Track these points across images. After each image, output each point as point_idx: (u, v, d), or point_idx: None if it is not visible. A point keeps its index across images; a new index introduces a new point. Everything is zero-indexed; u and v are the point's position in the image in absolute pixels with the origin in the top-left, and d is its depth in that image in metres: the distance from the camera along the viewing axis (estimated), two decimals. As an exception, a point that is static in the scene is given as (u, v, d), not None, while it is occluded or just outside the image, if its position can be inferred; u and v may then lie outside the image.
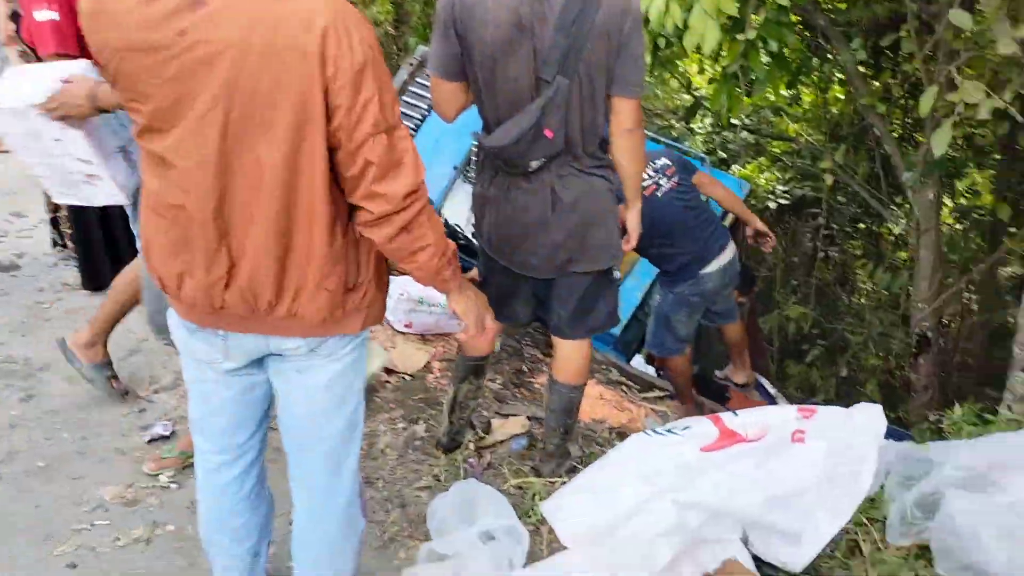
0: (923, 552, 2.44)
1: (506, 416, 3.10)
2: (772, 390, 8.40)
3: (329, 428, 1.86)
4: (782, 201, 9.75)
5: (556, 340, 2.62)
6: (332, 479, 1.91)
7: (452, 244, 1.76)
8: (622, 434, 3.10)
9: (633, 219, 2.59)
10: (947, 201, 8.81)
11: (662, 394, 3.99)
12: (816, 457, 2.26)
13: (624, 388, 3.72)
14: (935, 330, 6.13)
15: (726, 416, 2.40)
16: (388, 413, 3.18)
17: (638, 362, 4.95)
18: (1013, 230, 6.45)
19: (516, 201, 2.45)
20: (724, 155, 9.76)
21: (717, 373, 4.79)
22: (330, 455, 1.89)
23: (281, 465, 1.98)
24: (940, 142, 3.99)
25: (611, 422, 3.22)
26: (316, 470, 1.91)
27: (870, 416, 2.31)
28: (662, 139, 7.03)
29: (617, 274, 2.55)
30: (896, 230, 6.47)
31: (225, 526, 2.02)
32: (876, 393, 6.78)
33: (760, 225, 4.12)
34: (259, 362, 1.81)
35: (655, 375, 4.56)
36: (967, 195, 6.97)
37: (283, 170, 1.50)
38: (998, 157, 6.79)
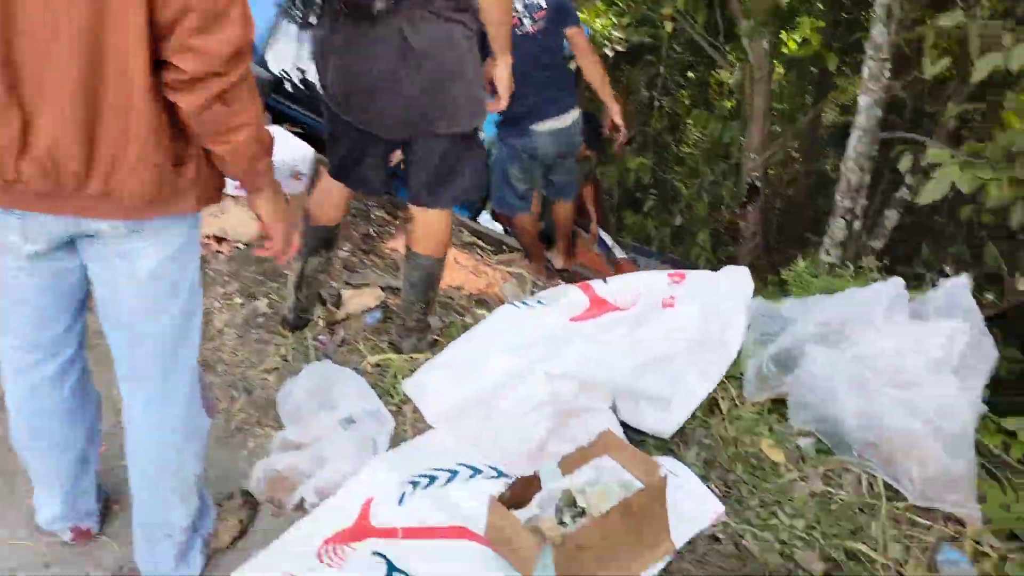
0: (777, 406, 2.51)
1: (357, 287, 2.86)
2: (609, 242, 8.57)
3: (160, 321, 1.58)
4: (618, 48, 9.63)
5: (414, 208, 2.38)
6: (168, 378, 1.64)
7: (270, 135, 1.50)
8: (481, 301, 2.96)
9: (503, 74, 2.35)
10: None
11: (516, 256, 3.87)
12: (686, 322, 2.22)
13: (478, 250, 3.56)
14: (763, 178, 6.35)
15: (596, 284, 2.30)
16: (223, 287, 2.87)
17: (486, 220, 4.81)
18: (838, 81, 6.66)
19: (361, 49, 2.14)
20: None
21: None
22: (164, 351, 1.62)
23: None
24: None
25: (468, 288, 3.06)
26: (148, 369, 1.63)
27: (738, 279, 2.28)
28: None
29: (483, 135, 2.31)
30: (728, 79, 6.54)
31: (44, 433, 1.74)
32: (707, 241, 7.03)
33: (618, 115, 4.01)
34: (69, 244, 1.49)
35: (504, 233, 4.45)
36: (796, 43, 7.09)
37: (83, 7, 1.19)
38: (823, 7, 6.92)
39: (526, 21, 3.62)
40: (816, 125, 6.86)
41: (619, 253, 7.95)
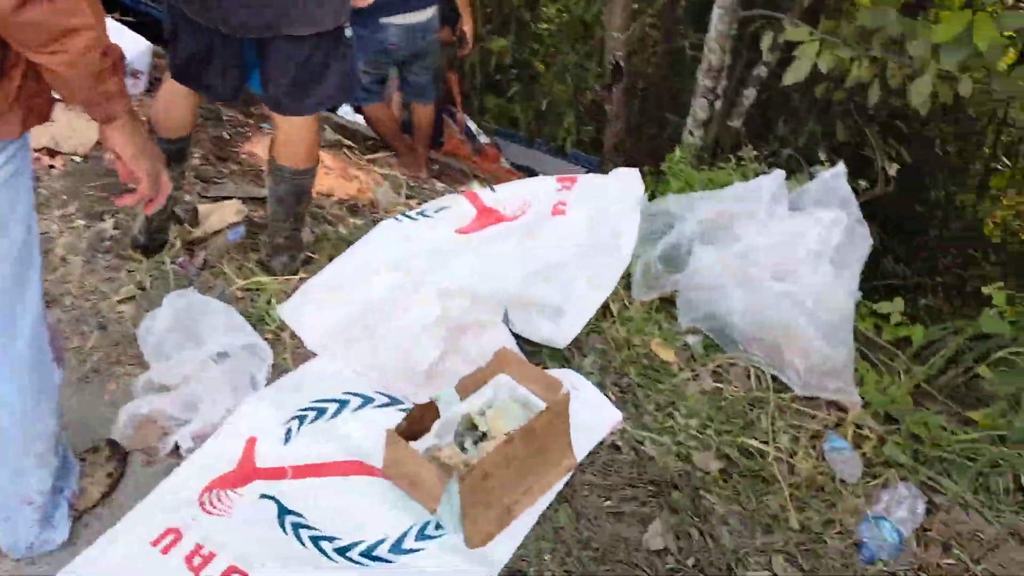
0: (664, 305, 2.49)
1: (215, 200, 2.59)
2: (473, 127, 8.34)
3: (-12, 266, 1.34)
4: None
5: (276, 116, 2.12)
6: (7, 329, 1.40)
7: (118, 47, 1.23)
8: (353, 208, 2.74)
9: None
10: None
11: (387, 154, 3.63)
12: (577, 228, 2.13)
13: (346, 151, 3.29)
14: (627, 58, 6.24)
15: (483, 193, 2.15)
16: (61, 208, 2.52)
17: (348, 113, 4.51)
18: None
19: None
20: None
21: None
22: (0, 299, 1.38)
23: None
24: None
25: (338, 193, 2.82)
26: (-21, 321, 1.39)
27: (628, 182, 2.19)
28: None
29: (350, 32, 2.06)
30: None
31: None
32: (573, 124, 6.94)
33: (470, 26, 3.80)
34: None
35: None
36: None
37: None
38: None
39: None
40: (675, 2, 6.75)
41: (483, 139, 7.77)
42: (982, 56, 3.45)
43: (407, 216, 2.16)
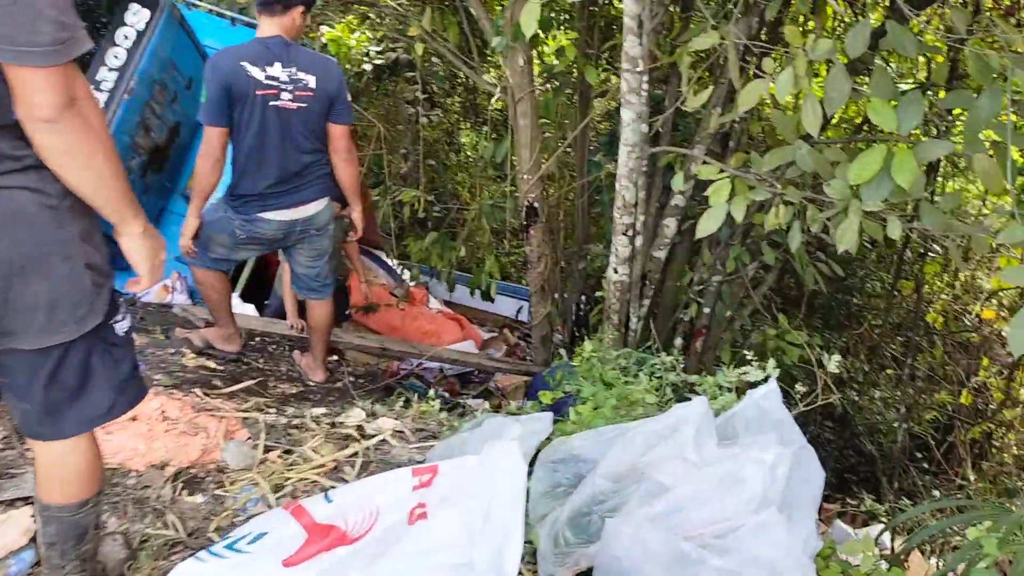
0: (585, 579, 1.94)
1: (3, 507, 2.00)
2: (397, 268, 7.88)
3: None
4: (378, 62, 8.95)
5: (34, 444, 1.57)
6: None
7: None
8: (194, 482, 2.18)
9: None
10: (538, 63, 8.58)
11: (253, 380, 3.08)
12: (443, 537, 1.58)
13: (197, 392, 2.73)
14: (542, 199, 5.88)
15: (315, 505, 1.60)
16: None
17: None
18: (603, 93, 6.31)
19: None
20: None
21: (296, 355, 3.90)
22: None
23: None
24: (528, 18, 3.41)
25: (178, 461, 2.27)
26: None
27: (506, 459, 1.66)
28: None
29: (124, 325, 1.53)
30: (492, 100, 6.01)
31: None
32: (495, 268, 6.51)
33: (357, 214, 3.45)
34: None
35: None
36: (554, 57, 6.68)
37: None
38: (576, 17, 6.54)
39: (284, 95, 2.98)
40: (586, 139, 6.48)
41: (409, 280, 7.31)
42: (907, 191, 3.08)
43: (212, 553, 1.60)
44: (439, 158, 9.96)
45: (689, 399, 2.29)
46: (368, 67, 8.97)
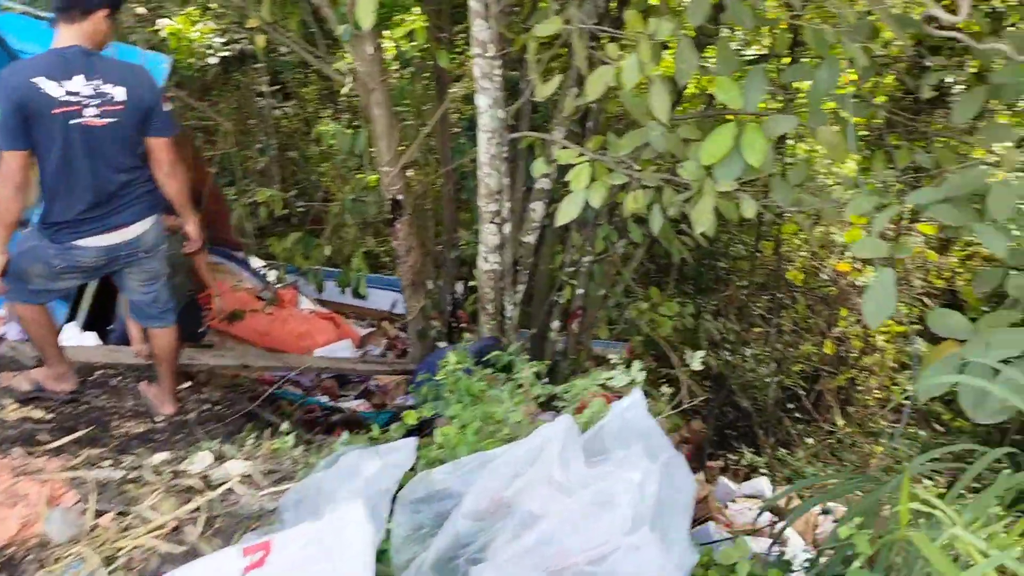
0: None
1: None
2: (262, 269, 7.48)
3: None
4: (224, 54, 8.45)
5: None
6: None
7: None
8: (11, 564, 1.90)
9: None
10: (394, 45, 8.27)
11: (86, 429, 2.77)
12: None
13: (14, 454, 2.42)
14: (405, 190, 5.67)
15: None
16: None
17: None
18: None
19: None
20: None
21: (142, 386, 3.53)
22: None
23: None
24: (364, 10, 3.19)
25: (-9, 540, 1.97)
26: None
27: (351, 525, 1.49)
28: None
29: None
30: (344, 90, 5.73)
31: None
32: (364, 264, 6.26)
33: (191, 225, 3.11)
34: None
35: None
36: (407, 41, 6.43)
37: None
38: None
39: (89, 111, 2.62)
40: (447, 125, 6.28)
41: (275, 282, 6.94)
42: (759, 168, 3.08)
43: None
44: (299, 150, 9.55)
45: (557, 410, 2.18)
46: (214, 60, 8.45)
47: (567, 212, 3.48)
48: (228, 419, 3.27)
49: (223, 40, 8.38)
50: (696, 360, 2.75)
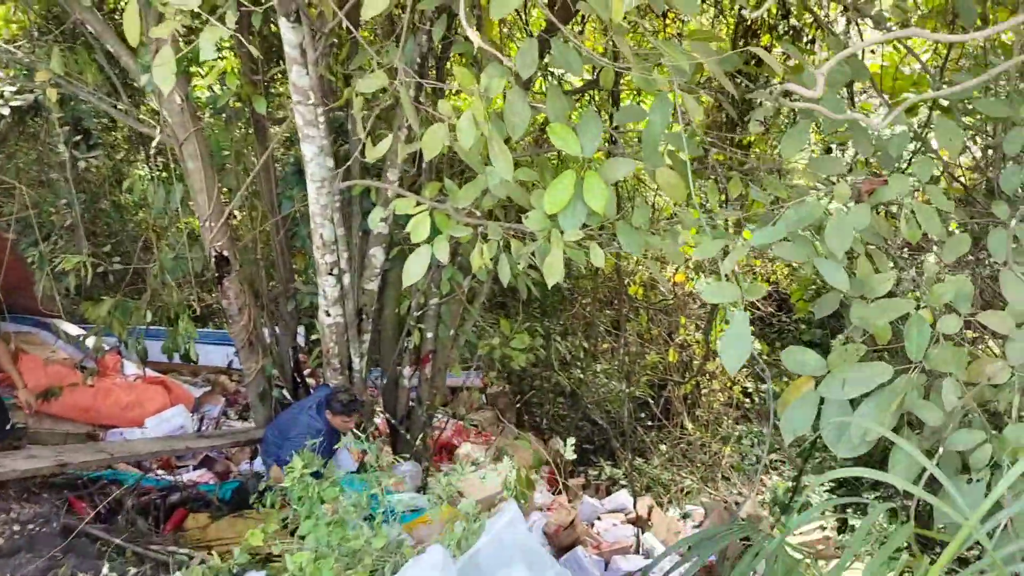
0: None
1: None
2: (76, 332, 6.70)
3: None
4: (16, 104, 7.59)
5: None
6: None
7: None
8: None
9: None
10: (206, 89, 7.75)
11: None
12: None
13: None
14: (231, 245, 5.23)
15: None
16: None
17: None
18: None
19: None
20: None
21: None
22: None
23: None
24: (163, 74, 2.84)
25: None
26: None
27: None
28: None
29: None
30: (155, 142, 5.20)
31: None
32: (191, 326, 5.74)
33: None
34: None
35: None
36: (219, 88, 5.96)
37: None
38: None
39: None
40: (271, 171, 5.87)
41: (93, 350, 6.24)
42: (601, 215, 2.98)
43: None
44: (111, 200, 8.76)
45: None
46: (5, 111, 7.59)
47: (413, 272, 3.25)
48: (42, 546, 2.79)
49: (14, 89, 7.54)
50: (568, 451, 2.58)
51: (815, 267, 2.74)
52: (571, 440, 2.58)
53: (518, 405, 9.92)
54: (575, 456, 10.31)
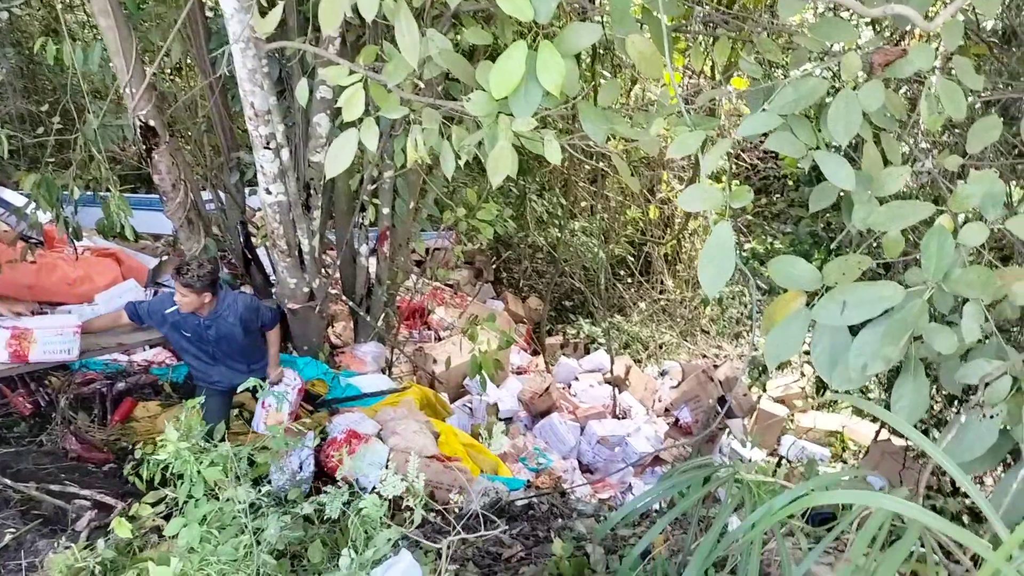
0: None
1: None
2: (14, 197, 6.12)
3: None
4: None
5: None
6: None
7: None
8: None
9: None
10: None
11: None
12: None
13: None
14: (158, 113, 4.61)
15: None
16: None
17: None
18: None
19: None
20: None
21: None
22: None
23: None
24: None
25: None
26: None
27: None
28: None
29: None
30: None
31: None
32: (124, 202, 5.17)
33: None
34: None
35: None
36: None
37: None
38: None
39: None
40: (199, 27, 5.10)
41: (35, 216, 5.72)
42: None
43: None
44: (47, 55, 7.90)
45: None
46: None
47: (338, 161, 2.70)
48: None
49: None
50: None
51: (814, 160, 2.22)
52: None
53: (495, 265, 9.53)
54: (553, 314, 9.93)
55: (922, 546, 1.95)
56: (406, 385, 5.23)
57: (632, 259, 9.65)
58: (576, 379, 8.25)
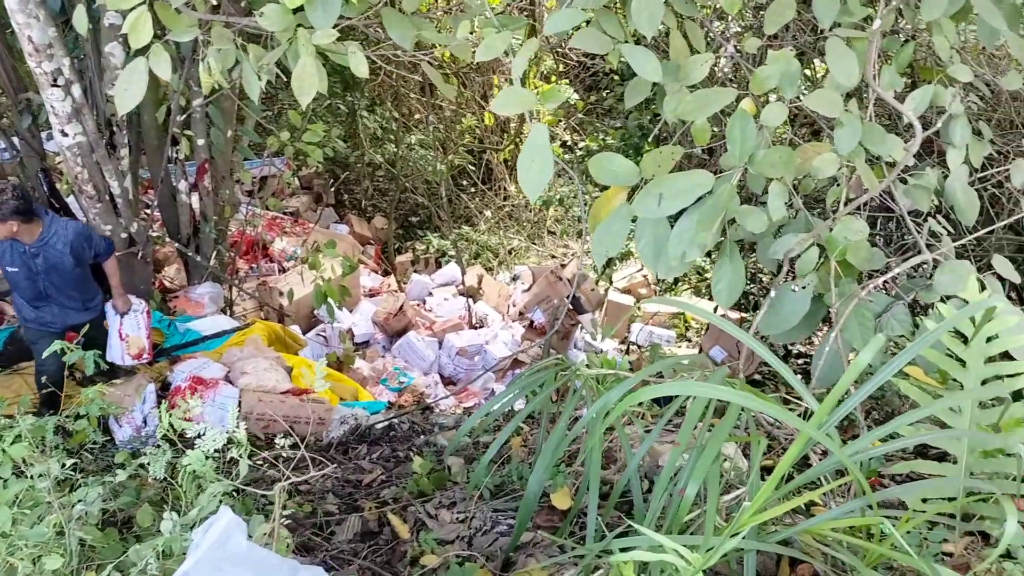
0: None
1: None
2: None
3: None
4: None
5: None
6: None
7: None
8: None
9: None
10: None
11: None
12: None
13: None
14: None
15: None
16: None
17: None
18: None
19: None
20: None
21: None
22: None
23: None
24: None
25: None
26: None
27: None
28: None
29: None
30: None
31: None
32: None
33: None
34: None
35: None
36: None
37: None
38: None
39: None
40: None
41: None
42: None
43: None
44: None
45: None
46: None
47: (128, 95, 2.44)
48: None
49: None
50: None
51: (624, 57, 2.21)
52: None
53: (334, 188, 9.22)
54: (400, 232, 9.76)
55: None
56: (249, 322, 5.03)
57: (473, 168, 9.57)
58: (430, 294, 8.22)
